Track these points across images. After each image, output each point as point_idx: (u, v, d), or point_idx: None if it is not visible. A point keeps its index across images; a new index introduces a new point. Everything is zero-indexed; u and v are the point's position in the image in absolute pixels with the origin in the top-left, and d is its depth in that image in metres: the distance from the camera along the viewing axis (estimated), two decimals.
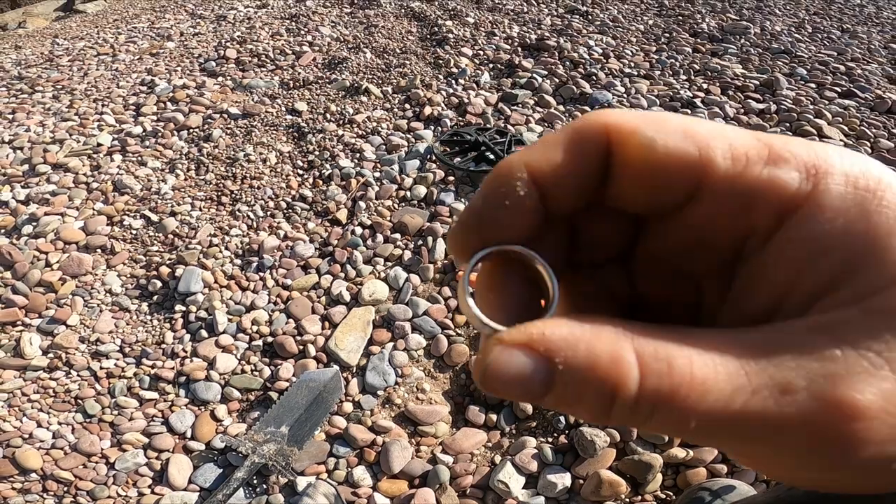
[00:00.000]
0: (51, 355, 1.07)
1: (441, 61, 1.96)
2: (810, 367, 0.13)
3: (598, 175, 0.16)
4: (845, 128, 1.66)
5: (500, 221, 0.16)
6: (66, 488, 0.89)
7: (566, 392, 0.14)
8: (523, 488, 0.89)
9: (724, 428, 0.14)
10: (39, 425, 0.97)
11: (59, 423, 0.98)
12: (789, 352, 0.14)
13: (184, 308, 1.15)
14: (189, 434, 0.97)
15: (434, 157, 1.47)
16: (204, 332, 1.10)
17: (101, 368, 1.05)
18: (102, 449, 0.94)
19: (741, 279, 0.17)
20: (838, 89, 1.88)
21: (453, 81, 1.85)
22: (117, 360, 1.07)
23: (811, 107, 1.75)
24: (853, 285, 0.14)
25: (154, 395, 1.02)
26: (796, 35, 2.34)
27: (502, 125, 1.61)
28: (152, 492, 0.89)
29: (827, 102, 1.80)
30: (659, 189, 0.16)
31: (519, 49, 2.06)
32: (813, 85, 1.91)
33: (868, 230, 0.14)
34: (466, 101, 1.72)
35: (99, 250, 1.28)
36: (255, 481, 0.90)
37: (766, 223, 0.15)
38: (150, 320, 1.14)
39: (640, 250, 0.19)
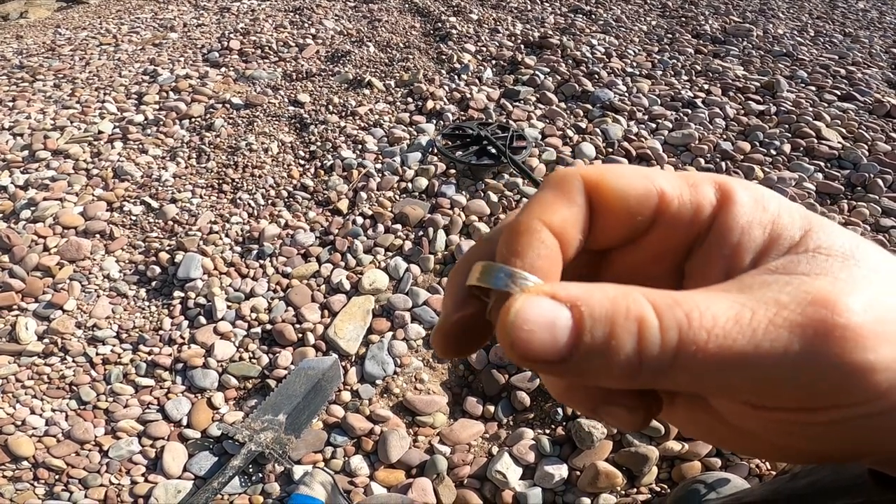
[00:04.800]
0: (46, 340, 1.06)
1: (444, 57, 1.96)
2: (787, 289, 0.16)
3: (587, 219, 0.19)
4: (843, 130, 1.66)
5: (544, 269, 0.19)
6: (57, 476, 0.88)
7: (594, 338, 0.15)
8: (520, 479, 0.88)
9: (738, 358, 0.15)
10: (33, 412, 0.96)
11: (53, 410, 0.97)
12: (762, 287, 0.16)
13: (182, 294, 1.14)
14: (185, 422, 0.96)
15: (436, 150, 1.47)
16: (202, 319, 1.09)
17: (97, 354, 1.04)
18: (96, 436, 0.93)
19: (692, 268, 0.20)
20: (838, 92, 1.89)
21: (456, 77, 1.85)
22: (114, 346, 1.06)
23: (811, 109, 1.75)
24: (780, 243, 0.18)
25: (150, 381, 1.01)
26: (798, 38, 2.35)
27: (504, 120, 1.61)
28: (146, 480, 0.89)
29: (826, 105, 1.81)
30: (631, 219, 0.19)
31: (522, 46, 2.07)
32: (813, 88, 1.92)
33: (768, 210, 0.19)
34: (469, 96, 1.72)
35: (98, 235, 1.28)
36: (251, 469, 0.90)
37: (705, 223, 0.20)
38: (148, 306, 1.14)
39: (603, 275, 0.22)
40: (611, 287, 0.16)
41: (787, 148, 1.57)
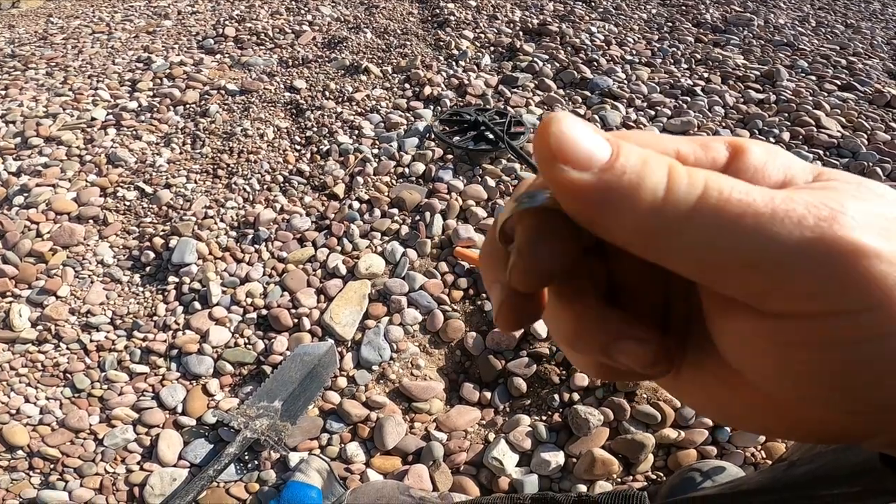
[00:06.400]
0: (40, 327, 1.05)
1: (442, 43, 1.94)
2: (801, 191, 0.16)
3: None
4: (843, 119, 1.66)
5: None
6: (52, 465, 0.88)
7: (628, 163, 0.16)
8: (517, 466, 0.88)
9: (755, 216, 0.15)
10: (27, 400, 0.95)
11: (47, 398, 0.96)
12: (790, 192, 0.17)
13: (177, 279, 1.13)
14: (180, 409, 0.95)
15: (433, 136, 1.46)
16: (197, 304, 1.08)
17: (91, 341, 1.03)
18: (91, 425, 0.92)
19: None
20: (838, 82, 1.88)
21: (454, 63, 1.83)
22: (108, 332, 1.05)
23: (810, 98, 1.75)
24: (795, 183, 0.19)
25: (145, 368, 1.00)
26: (800, 28, 2.34)
27: (502, 106, 1.60)
28: (141, 468, 0.88)
29: (826, 95, 1.80)
30: None
31: (521, 33, 2.05)
32: (813, 77, 1.91)
33: (779, 157, 0.19)
34: (467, 82, 1.71)
35: (91, 221, 1.26)
36: (246, 457, 0.89)
37: (721, 170, 0.19)
38: (143, 292, 1.13)
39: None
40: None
41: (786, 136, 1.57)
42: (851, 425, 0.17)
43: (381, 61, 1.85)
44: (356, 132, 1.51)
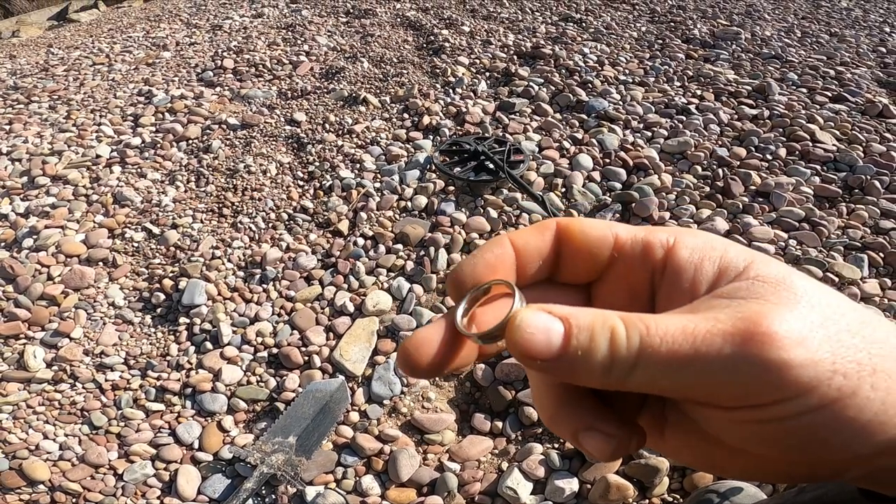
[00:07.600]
0: (55, 368, 1.07)
1: (438, 70, 1.97)
2: (726, 310, 0.20)
3: (552, 251, 0.25)
4: (837, 132, 1.67)
5: (491, 264, 0.24)
6: (74, 500, 0.89)
7: (579, 342, 0.20)
8: (531, 494, 0.89)
9: (682, 358, 0.19)
10: (46, 437, 0.97)
11: (66, 435, 0.98)
12: (708, 309, 0.21)
13: (188, 320, 1.15)
14: (196, 445, 0.97)
15: (434, 167, 1.48)
16: (209, 344, 1.10)
17: (107, 380, 1.05)
18: (110, 460, 0.94)
19: (662, 307, 0.24)
20: (829, 94, 1.90)
21: (451, 90, 1.86)
22: (122, 372, 1.07)
23: (803, 112, 1.77)
24: (728, 273, 0.22)
25: (160, 406, 1.02)
26: (786, 40, 2.38)
27: (500, 134, 1.62)
28: (161, 503, 0.90)
29: (818, 107, 1.82)
30: (593, 255, 0.25)
31: (515, 57, 2.08)
32: (804, 90, 1.93)
33: (716, 248, 0.23)
34: (464, 110, 1.73)
35: (101, 263, 1.28)
36: (263, 491, 0.91)
37: (659, 262, 0.24)
38: (154, 332, 1.14)
39: None
40: (591, 309, 0.21)
41: (782, 152, 1.58)
42: (818, 471, 0.21)
43: (378, 91, 1.87)
44: (357, 166, 1.53)
